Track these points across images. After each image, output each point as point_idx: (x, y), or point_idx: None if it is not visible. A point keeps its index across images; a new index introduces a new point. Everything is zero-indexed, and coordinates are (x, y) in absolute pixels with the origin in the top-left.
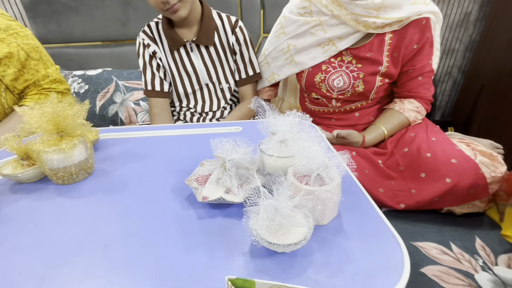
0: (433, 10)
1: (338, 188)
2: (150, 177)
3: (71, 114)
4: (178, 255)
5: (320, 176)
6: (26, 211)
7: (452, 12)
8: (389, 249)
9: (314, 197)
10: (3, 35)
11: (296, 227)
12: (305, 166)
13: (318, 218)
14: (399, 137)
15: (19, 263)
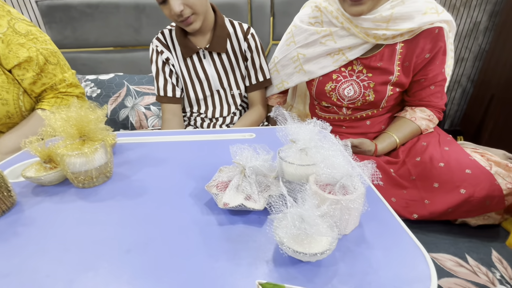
0: (446, 19)
1: (362, 197)
2: (168, 182)
3: (94, 118)
4: (201, 261)
5: (343, 186)
6: (49, 213)
7: (461, 21)
8: (414, 260)
9: (340, 207)
10: (23, 40)
11: (321, 236)
12: (327, 175)
13: (341, 228)
14: (411, 146)
15: (45, 265)
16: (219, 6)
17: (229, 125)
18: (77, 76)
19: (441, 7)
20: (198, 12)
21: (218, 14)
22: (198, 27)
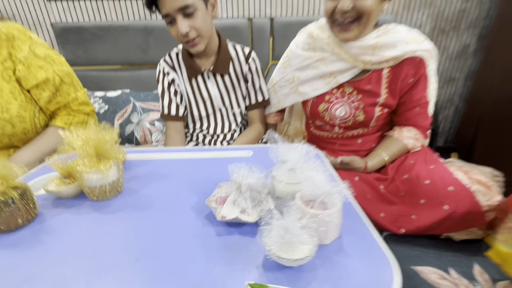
0: (426, 49)
1: (339, 212)
2: (172, 197)
3: (109, 139)
4: (201, 267)
5: (323, 202)
6: (68, 224)
7: (451, 44)
8: (383, 268)
9: (318, 220)
10: (42, 63)
11: (302, 245)
12: (310, 192)
13: (322, 238)
14: (399, 164)
15: (65, 270)
16: (222, 28)
17: (229, 141)
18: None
19: (423, 37)
20: (203, 35)
21: (222, 39)
22: (202, 49)
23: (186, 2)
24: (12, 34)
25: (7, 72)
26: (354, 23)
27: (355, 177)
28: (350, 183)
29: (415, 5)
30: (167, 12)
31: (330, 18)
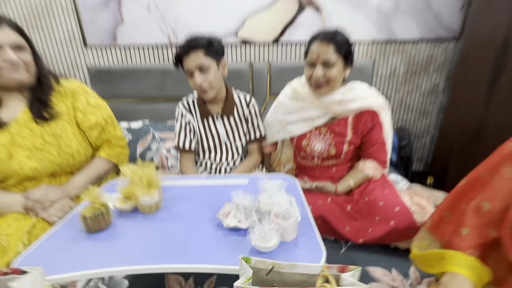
0: (379, 103)
1: (294, 223)
2: (193, 211)
3: (153, 172)
4: (213, 251)
5: (285, 216)
6: (128, 229)
7: (423, 83)
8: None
9: (281, 226)
10: (94, 110)
11: (271, 240)
12: (279, 210)
13: (284, 237)
14: (363, 189)
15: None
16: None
17: (232, 168)
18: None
19: (377, 93)
20: (213, 87)
21: (229, 90)
22: (212, 97)
23: (202, 62)
24: (75, 90)
25: (70, 118)
26: (324, 85)
27: (328, 199)
28: (323, 203)
29: (390, 52)
30: (188, 69)
31: (308, 81)
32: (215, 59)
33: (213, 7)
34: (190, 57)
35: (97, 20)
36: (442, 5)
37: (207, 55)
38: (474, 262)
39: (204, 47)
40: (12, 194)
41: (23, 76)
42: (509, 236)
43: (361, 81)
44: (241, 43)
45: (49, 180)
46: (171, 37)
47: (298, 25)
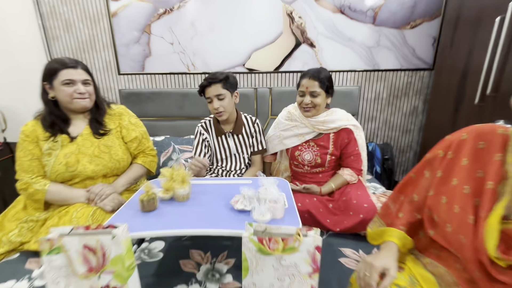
0: (353, 124)
1: (282, 207)
2: (214, 200)
3: (186, 172)
4: (228, 224)
5: (276, 201)
6: (169, 211)
7: (404, 105)
8: (296, 225)
9: (273, 208)
10: (134, 128)
11: (266, 215)
12: (272, 197)
13: (275, 215)
14: (342, 191)
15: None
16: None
17: (239, 175)
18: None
19: (351, 117)
20: (227, 111)
21: (238, 113)
22: (225, 118)
23: (220, 92)
24: (121, 112)
25: (118, 133)
26: (311, 109)
27: (314, 198)
28: (310, 201)
29: (374, 79)
30: (209, 96)
31: (299, 105)
32: (230, 91)
33: (225, 43)
34: (211, 88)
35: (130, 53)
36: (417, 41)
37: (224, 87)
38: (402, 234)
39: (222, 81)
40: (78, 189)
41: (87, 103)
42: (427, 216)
43: (349, 103)
44: (248, 72)
45: (102, 179)
46: (190, 67)
47: (295, 57)
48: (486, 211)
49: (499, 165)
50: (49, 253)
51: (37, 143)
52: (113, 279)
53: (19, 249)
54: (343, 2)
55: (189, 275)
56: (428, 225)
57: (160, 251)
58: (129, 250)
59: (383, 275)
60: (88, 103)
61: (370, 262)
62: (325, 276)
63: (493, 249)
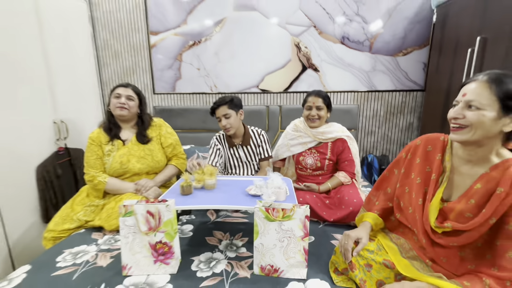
0: (347, 135)
1: (284, 192)
2: (234, 189)
3: (214, 169)
4: (245, 203)
5: (280, 188)
6: (201, 195)
7: (400, 122)
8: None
9: (277, 192)
10: (169, 136)
11: (272, 197)
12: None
13: (278, 198)
14: (337, 190)
15: (205, 203)
16: (252, 111)
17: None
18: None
19: (346, 129)
20: (233, 127)
21: (246, 127)
22: (232, 133)
23: (226, 112)
24: (160, 124)
25: (158, 140)
26: (317, 120)
27: (313, 195)
28: (310, 197)
29: (371, 99)
30: (218, 116)
31: (306, 117)
32: (235, 110)
33: (242, 68)
34: (219, 109)
35: (164, 76)
36: (409, 66)
37: (230, 108)
38: (375, 216)
39: (228, 103)
40: (128, 182)
41: (125, 112)
42: (395, 203)
43: (350, 119)
44: (261, 92)
45: (146, 175)
46: (212, 88)
47: (302, 80)
48: (431, 195)
49: (440, 162)
50: (124, 216)
51: (100, 146)
52: (164, 236)
53: (84, 226)
54: (342, 34)
55: (213, 246)
56: (396, 210)
57: (190, 231)
58: (175, 218)
59: (357, 244)
60: (126, 112)
61: (348, 233)
62: (318, 252)
63: (433, 221)
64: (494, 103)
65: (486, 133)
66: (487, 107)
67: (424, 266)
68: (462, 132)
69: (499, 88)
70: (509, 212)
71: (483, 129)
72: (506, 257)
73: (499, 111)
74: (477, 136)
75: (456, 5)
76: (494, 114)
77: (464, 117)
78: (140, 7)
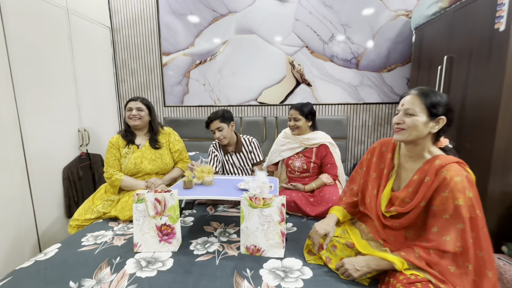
0: (330, 142)
1: (268, 187)
2: (228, 185)
3: (211, 169)
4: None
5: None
6: (200, 189)
7: (388, 131)
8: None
9: (262, 187)
10: (177, 143)
11: (257, 190)
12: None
13: (263, 192)
14: (320, 190)
15: (203, 195)
16: (250, 122)
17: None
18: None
19: (329, 137)
20: (226, 138)
21: (238, 137)
22: (226, 143)
23: (219, 125)
24: (169, 132)
25: (167, 146)
26: (296, 129)
27: (299, 194)
28: (296, 195)
29: (360, 111)
30: (212, 129)
31: (290, 127)
32: (226, 123)
33: (243, 84)
34: (212, 123)
35: (173, 91)
36: (393, 81)
37: (221, 121)
38: (341, 209)
39: (219, 117)
40: (140, 181)
41: (137, 122)
42: (360, 198)
43: (340, 129)
44: (259, 105)
45: (155, 175)
46: (216, 101)
47: (296, 94)
48: (383, 187)
49: (390, 160)
50: (136, 202)
51: (118, 149)
52: (168, 220)
53: (102, 217)
54: (332, 53)
55: (209, 233)
56: (360, 203)
57: (191, 222)
58: (177, 205)
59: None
60: (139, 122)
61: (316, 229)
62: (298, 239)
63: (383, 208)
64: (424, 111)
65: (419, 134)
66: (419, 113)
67: (378, 245)
68: (402, 133)
69: (426, 100)
70: (434, 195)
71: (417, 130)
72: (431, 231)
73: (427, 117)
74: (412, 136)
75: (429, 28)
76: (424, 119)
77: (403, 122)
78: (154, 32)
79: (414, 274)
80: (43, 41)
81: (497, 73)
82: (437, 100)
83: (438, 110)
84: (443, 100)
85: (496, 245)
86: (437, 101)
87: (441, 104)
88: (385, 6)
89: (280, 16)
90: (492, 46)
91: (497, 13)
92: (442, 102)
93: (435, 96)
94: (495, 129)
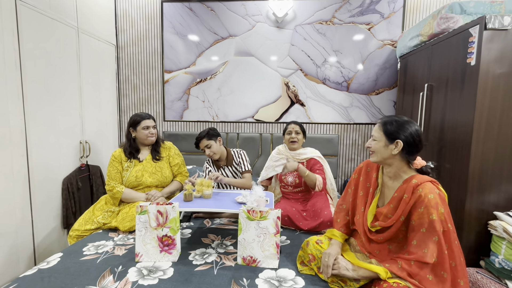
0: (318, 156)
1: (264, 201)
2: (226, 199)
3: (209, 180)
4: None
5: (261, 197)
6: (199, 202)
7: None
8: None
9: (257, 200)
10: (176, 157)
11: (254, 203)
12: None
13: (259, 204)
14: (313, 203)
15: (202, 207)
16: (247, 138)
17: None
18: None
19: (318, 152)
20: (216, 153)
21: (228, 151)
22: (216, 158)
23: (207, 143)
24: (169, 146)
25: (167, 160)
26: (296, 142)
27: (293, 208)
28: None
29: (350, 130)
30: (201, 148)
31: (287, 141)
32: (213, 139)
33: (240, 102)
34: (201, 142)
35: (173, 106)
36: (381, 104)
37: (208, 139)
38: (340, 233)
39: (206, 136)
40: (140, 193)
41: (153, 140)
42: (351, 216)
43: (331, 147)
44: (256, 122)
45: (155, 188)
46: (214, 117)
47: (290, 113)
48: (369, 204)
49: (375, 179)
50: (140, 214)
51: (120, 163)
52: (169, 231)
53: (102, 227)
54: (324, 76)
55: (207, 244)
56: (351, 222)
57: (189, 234)
58: (178, 217)
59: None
60: (154, 140)
61: (329, 252)
62: (291, 251)
63: (369, 223)
64: (383, 137)
65: (384, 155)
66: (380, 139)
67: (364, 257)
68: (372, 156)
69: (384, 127)
70: (412, 211)
71: (381, 152)
72: (412, 244)
73: (386, 141)
74: (379, 158)
75: (412, 57)
76: (383, 143)
77: (371, 146)
78: (158, 50)
79: (396, 282)
80: (55, 58)
81: (470, 102)
82: (392, 128)
83: (394, 135)
84: (399, 127)
85: (474, 259)
86: (392, 128)
87: (397, 131)
88: (373, 35)
89: (277, 41)
90: (464, 78)
91: (469, 49)
92: (398, 129)
93: (391, 124)
94: (469, 152)
